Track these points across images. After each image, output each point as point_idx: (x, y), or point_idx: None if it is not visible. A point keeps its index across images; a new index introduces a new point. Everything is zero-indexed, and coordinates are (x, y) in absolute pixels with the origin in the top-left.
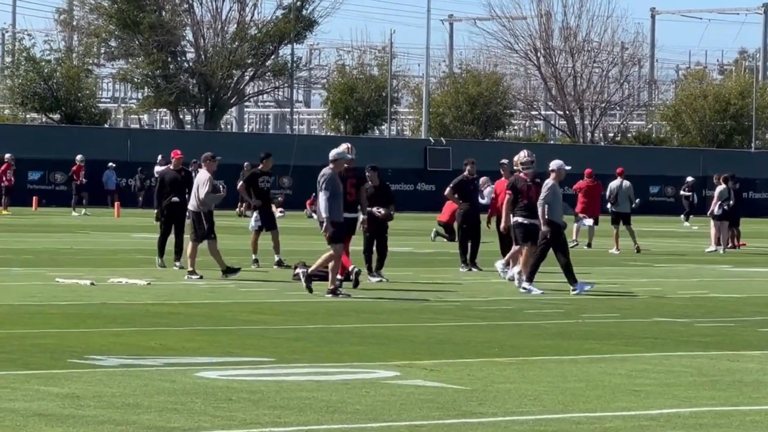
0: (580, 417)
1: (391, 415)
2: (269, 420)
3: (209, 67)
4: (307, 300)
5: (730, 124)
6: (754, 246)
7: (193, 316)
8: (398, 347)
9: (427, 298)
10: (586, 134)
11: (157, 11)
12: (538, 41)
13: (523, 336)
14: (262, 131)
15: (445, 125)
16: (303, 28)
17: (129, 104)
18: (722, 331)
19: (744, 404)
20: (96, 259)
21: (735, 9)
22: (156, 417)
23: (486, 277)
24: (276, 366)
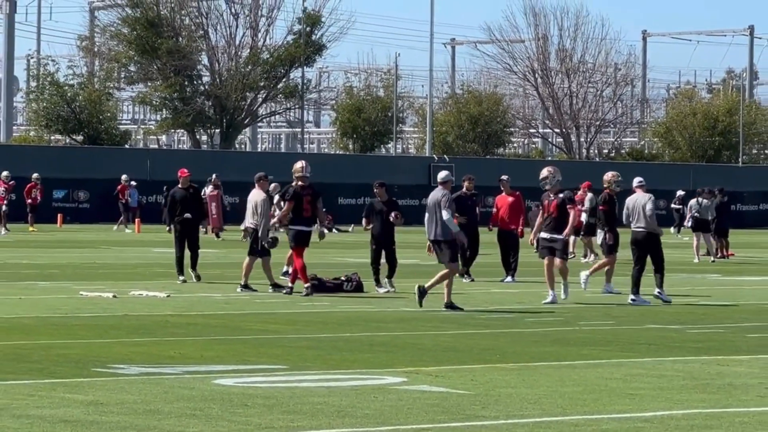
0: (578, 419)
1: (399, 419)
2: (283, 424)
3: (224, 90)
4: (318, 310)
5: (719, 140)
6: (742, 256)
7: (210, 327)
8: (405, 354)
9: (433, 307)
10: (582, 151)
11: (174, 37)
12: (535, 63)
13: (524, 343)
14: (275, 150)
15: (448, 143)
16: (312, 52)
17: (148, 125)
18: (713, 337)
19: (733, 406)
20: (118, 273)
21: (722, 31)
22: (175, 422)
23: (488, 287)
24: (289, 373)
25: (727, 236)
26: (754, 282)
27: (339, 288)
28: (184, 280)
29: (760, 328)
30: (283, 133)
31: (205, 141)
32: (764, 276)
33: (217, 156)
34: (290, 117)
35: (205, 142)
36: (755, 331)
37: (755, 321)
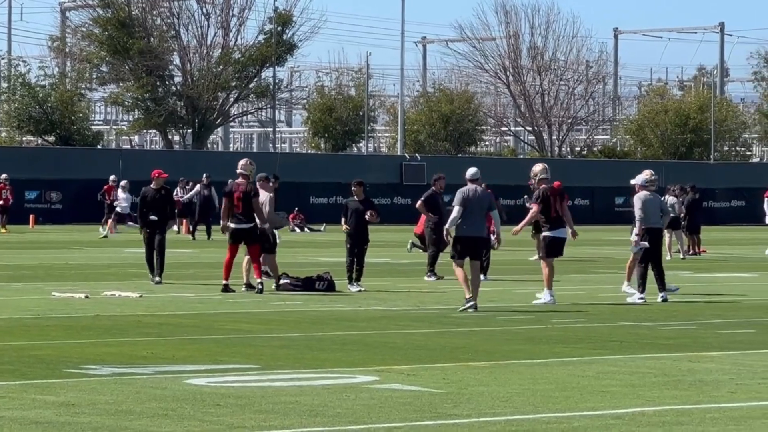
0: (549, 417)
1: (371, 417)
2: (255, 424)
3: (196, 90)
4: (290, 309)
5: (690, 137)
6: (714, 252)
7: (182, 326)
8: (377, 353)
9: (405, 306)
10: (554, 148)
11: (146, 38)
12: (507, 61)
13: (496, 341)
14: (247, 150)
15: (420, 142)
16: (284, 52)
17: (120, 126)
18: (684, 333)
19: (704, 402)
20: (90, 273)
21: (693, 28)
22: (148, 423)
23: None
24: (261, 372)
25: (699, 233)
26: (725, 278)
27: (311, 287)
28: (159, 281)
29: (732, 325)
30: (255, 133)
31: (177, 141)
32: (736, 272)
33: (189, 156)
34: (262, 117)
35: (178, 142)
36: (726, 327)
37: (727, 317)
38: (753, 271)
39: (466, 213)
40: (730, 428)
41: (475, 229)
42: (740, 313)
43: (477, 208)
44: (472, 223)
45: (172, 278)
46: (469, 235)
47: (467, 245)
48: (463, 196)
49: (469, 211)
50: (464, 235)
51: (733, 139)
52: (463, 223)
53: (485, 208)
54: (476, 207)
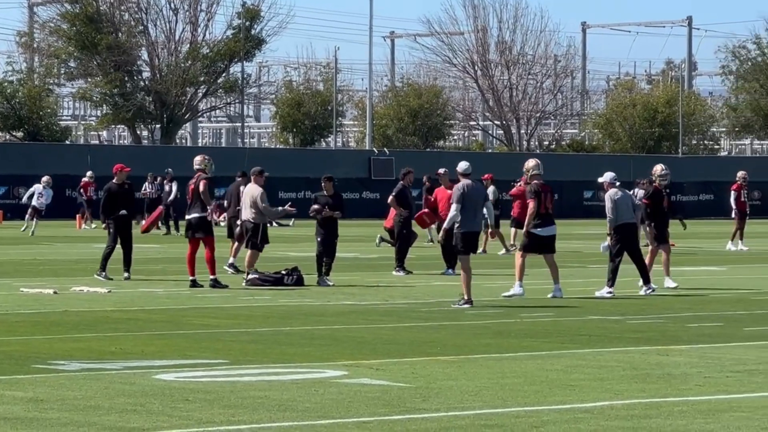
0: (518, 411)
1: (340, 412)
2: (224, 419)
3: (164, 85)
4: (259, 304)
5: (659, 131)
6: (682, 246)
7: (151, 322)
8: (346, 348)
9: (373, 300)
10: (522, 143)
11: (114, 33)
12: (475, 55)
13: (465, 335)
14: (215, 145)
15: (388, 136)
16: (252, 47)
17: (88, 121)
18: (652, 327)
19: (672, 396)
20: (59, 269)
21: (661, 22)
22: (116, 418)
23: (428, 280)
24: (230, 367)
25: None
26: (693, 272)
27: (280, 282)
28: (107, 277)
29: (700, 318)
30: (224, 128)
31: (145, 136)
32: (704, 266)
33: (157, 151)
34: (230, 112)
35: (146, 137)
36: (695, 321)
37: (695, 311)
38: (721, 264)
39: (466, 209)
40: (698, 421)
41: (474, 224)
42: (708, 306)
43: (474, 203)
44: (470, 219)
45: (142, 274)
46: (468, 230)
47: (468, 240)
48: (461, 193)
49: (468, 207)
50: (465, 231)
51: (701, 133)
52: (463, 218)
53: (482, 201)
54: (474, 202)
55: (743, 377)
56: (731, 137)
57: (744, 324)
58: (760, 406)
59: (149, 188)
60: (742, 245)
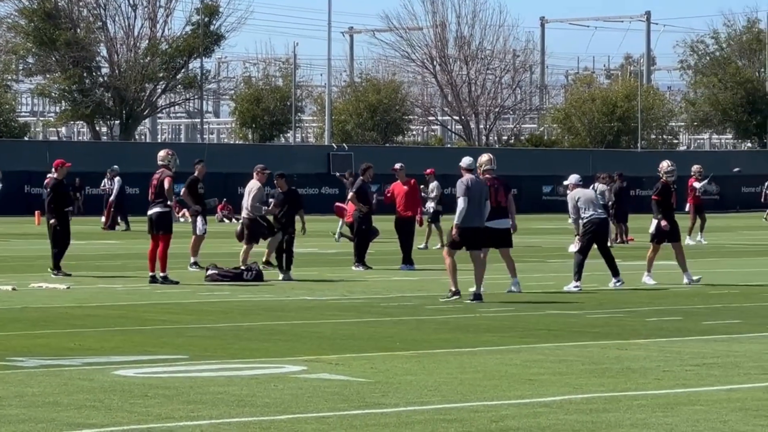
0: (477, 406)
1: (299, 407)
2: (183, 414)
3: (123, 81)
4: (219, 300)
5: (617, 125)
6: (641, 241)
7: (110, 318)
8: (305, 343)
9: (333, 296)
10: (481, 138)
11: (73, 29)
12: (434, 50)
13: (424, 330)
14: (175, 141)
15: (347, 132)
16: (211, 43)
17: (47, 118)
18: (612, 321)
19: (632, 390)
20: (17, 265)
21: (619, 17)
22: (75, 414)
23: (388, 275)
24: (189, 363)
25: (627, 221)
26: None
27: (239, 277)
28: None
29: (659, 312)
30: (183, 124)
31: (104, 132)
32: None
33: (116, 147)
34: (189, 107)
35: (105, 133)
36: (653, 315)
37: (654, 305)
38: None
39: (468, 204)
40: (656, 415)
41: (476, 220)
42: (667, 300)
43: (478, 198)
44: (473, 214)
45: (101, 269)
46: (470, 225)
47: (468, 236)
48: (465, 187)
49: (470, 202)
50: (466, 226)
51: (660, 128)
52: (465, 214)
53: (485, 197)
54: (477, 197)
55: (702, 371)
56: (690, 132)
57: (702, 318)
58: (719, 400)
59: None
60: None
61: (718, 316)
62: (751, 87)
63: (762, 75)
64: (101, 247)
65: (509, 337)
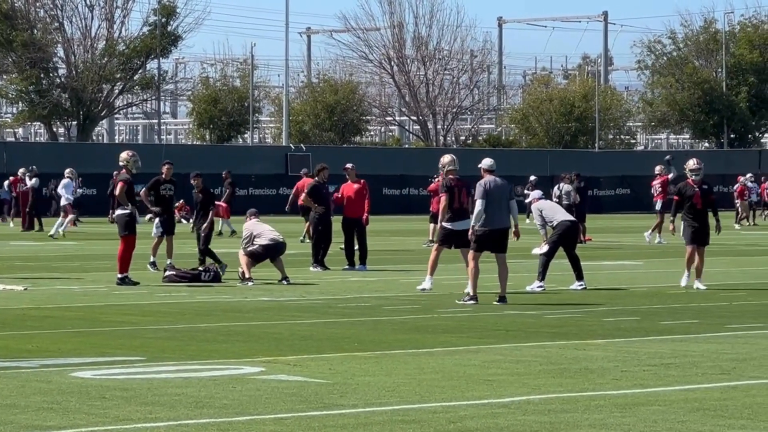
0: (436, 407)
1: (257, 408)
2: (141, 416)
3: (80, 82)
4: (176, 301)
5: (575, 125)
6: (599, 240)
7: (67, 319)
8: (263, 344)
9: (290, 296)
10: (439, 138)
11: (29, 30)
12: (391, 51)
13: (382, 331)
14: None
15: (305, 132)
16: (168, 44)
17: (4, 119)
18: (570, 321)
19: (590, 390)
20: None
21: (577, 17)
22: (32, 416)
23: (345, 276)
24: (147, 364)
25: (585, 221)
26: (611, 266)
27: (197, 278)
28: None
29: (617, 312)
30: (140, 125)
31: (62, 134)
32: (621, 260)
33: (74, 148)
34: (147, 108)
35: (63, 134)
36: (611, 315)
37: (612, 305)
38: (638, 258)
39: (488, 205)
40: (615, 415)
41: (498, 221)
42: (625, 300)
43: (499, 199)
44: (494, 215)
45: (59, 271)
46: (492, 227)
47: (490, 238)
48: (484, 189)
49: (491, 203)
50: (487, 228)
51: (617, 128)
52: (486, 215)
53: (506, 198)
54: (498, 198)
55: (659, 371)
56: (647, 132)
57: (660, 318)
58: (676, 400)
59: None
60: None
61: (676, 316)
62: (708, 87)
63: (719, 75)
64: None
65: (467, 337)
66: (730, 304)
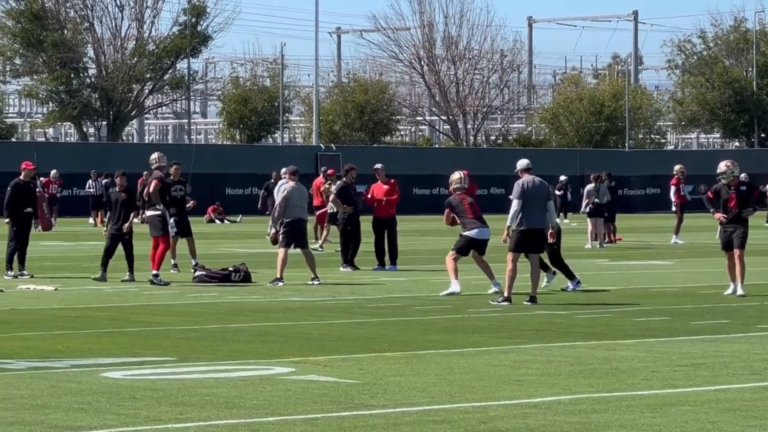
0: (466, 407)
1: (288, 409)
2: (171, 416)
3: (110, 82)
4: (206, 301)
5: (605, 125)
6: (629, 240)
7: (98, 319)
8: (293, 344)
9: (321, 297)
10: (469, 138)
11: (60, 30)
12: (421, 50)
13: (412, 331)
14: (162, 141)
15: (335, 132)
16: (198, 43)
17: (35, 119)
18: (600, 321)
19: (620, 390)
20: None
21: (607, 16)
22: (63, 416)
23: (375, 276)
24: (177, 365)
25: (615, 221)
26: (641, 266)
27: (227, 278)
28: (14, 275)
29: (647, 312)
30: (170, 125)
31: (92, 133)
32: (651, 260)
33: (104, 148)
34: (177, 108)
35: (92, 134)
36: (642, 315)
37: (642, 305)
38: (668, 258)
39: (525, 205)
40: (645, 416)
41: (535, 221)
42: (655, 300)
43: (536, 200)
44: (531, 215)
45: (90, 271)
46: (528, 227)
47: (527, 238)
48: (521, 189)
49: (527, 203)
50: (524, 228)
51: (647, 127)
52: (522, 215)
53: (544, 198)
54: (535, 198)
55: (690, 371)
56: (677, 131)
57: (691, 318)
58: (707, 400)
59: (93, 185)
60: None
61: (706, 317)
62: (738, 86)
63: (749, 74)
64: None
65: (498, 338)
66: (761, 303)
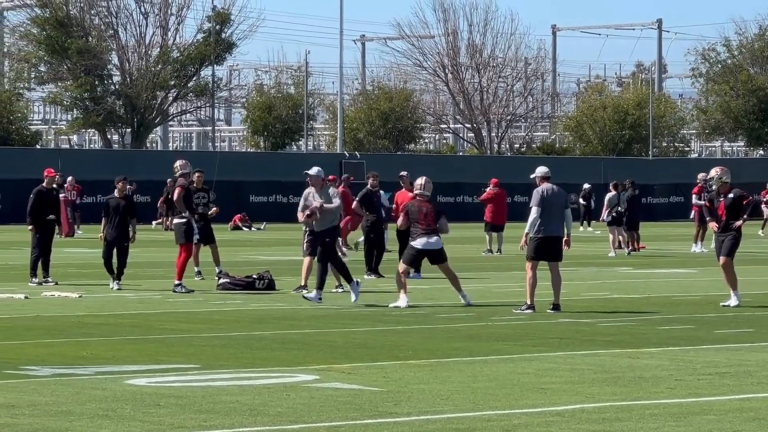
0: (490, 415)
1: (312, 416)
2: (195, 424)
3: (134, 89)
4: (230, 309)
5: (629, 133)
6: (653, 248)
7: (122, 326)
8: (317, 352)
9: (345, 304)
10: (493, 146)
11: (84, 37)
12: (445, 58)
13: (436, 339)
14: (186, 149)
15: (359, 140)
16: (222, 51)
17: (59, 126)
18: (624, 330)
19: (644, 398)
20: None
21: (631, 24)
22: (88, 423)
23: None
24: (202, 372)
25: (638, 229)
26: (664, 274)
27: (251, 286)
28: (39, 282)
29: (671, 321)
30: (195, 132)
31: (116, 140)
32: (675, 268)
33: (128, 155)
34: (201, 115)
35: (117, 141)
36: (665, 323)
37: (666, 313)
38: (692, 267)
39: (544, 213)
40: (669, 424)
41: (553, 229)
42: (679, 309)
43: (555, 207)
44: (550, 223)
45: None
46: (547, 235)
47: (545, 246)
48: (541, 197)
49: (546, 211)
50: (543, 236)
51: (671, 135)
52: (541, 223)
53: (562, 206)
54: (554, 206)
55: (714, 380)
56: (701, 139)
57: (715, 326)
58: (731, 409)
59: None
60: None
61: (730, 325)
62: (763, 95)
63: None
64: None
65: (521, 345)
66: None
